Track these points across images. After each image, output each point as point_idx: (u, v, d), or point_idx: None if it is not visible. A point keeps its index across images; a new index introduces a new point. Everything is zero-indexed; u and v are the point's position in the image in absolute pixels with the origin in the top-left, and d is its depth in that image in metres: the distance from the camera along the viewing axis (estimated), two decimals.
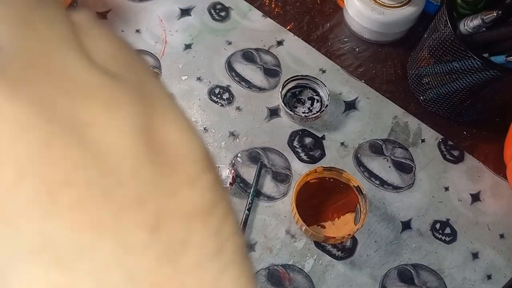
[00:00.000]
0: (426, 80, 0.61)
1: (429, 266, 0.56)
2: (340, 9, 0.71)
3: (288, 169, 0.60)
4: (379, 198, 0.59)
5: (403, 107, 0.65)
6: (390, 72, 0.67)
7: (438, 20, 0.55)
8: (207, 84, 0.64)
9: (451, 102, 0.60)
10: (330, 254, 0.56)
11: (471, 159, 0.62)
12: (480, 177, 0.61)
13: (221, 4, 0.70)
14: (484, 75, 0.51)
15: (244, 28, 0.69)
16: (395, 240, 0.57)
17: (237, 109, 0.63)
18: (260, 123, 0.62)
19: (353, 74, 0.66)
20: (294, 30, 0.69)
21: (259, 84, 0.65)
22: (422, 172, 0.61)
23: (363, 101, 0.64)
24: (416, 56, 0.63)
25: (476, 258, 0.57)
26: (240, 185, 0.58)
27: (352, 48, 0.69)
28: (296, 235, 0.56)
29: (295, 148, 0.61)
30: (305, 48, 0.68)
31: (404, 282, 0.55)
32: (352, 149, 0.61)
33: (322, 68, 0.66)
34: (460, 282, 0.55)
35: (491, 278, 0.56)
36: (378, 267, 0.55)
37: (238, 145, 0.60)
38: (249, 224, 0.56)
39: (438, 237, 0.57)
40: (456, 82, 0.56)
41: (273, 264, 0.55)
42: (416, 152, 0.62)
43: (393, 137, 0.63)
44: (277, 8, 0.71)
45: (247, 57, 0.66)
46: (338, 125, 0.63)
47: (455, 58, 0.53)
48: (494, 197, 0.60)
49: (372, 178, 0.60)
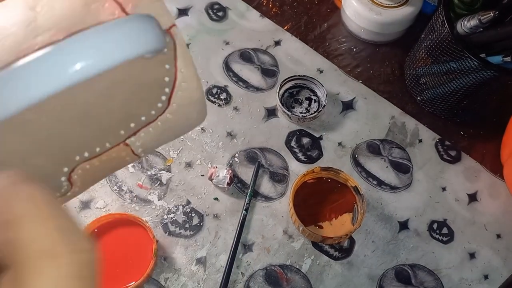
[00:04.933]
0: (424, 80, 0.61)
1: (426, 266, 0.56)
2: (338, 9, 0.71)
3: (285, 169, 0.60)
4: (377, 198, 0.59)
5: (401, 107, 0.65)
6: (388, 73, 0.67)
7: (435, 20, 0.55)
8: (205, 84, 0.64)
9: (448, 102, 0.60)
10: (328, 254, 0.56)
11: (468, 159, 0.62)
12: (477, 177, 0.61)
13: (219, 4, 0.70)
14: (481, 75, 0.51)
15: (241, 28, 0.69)
16: (393, 240, 0.57)
17: (234, 109, 0.63)
18: (258, 123, 0.62)
19: (350, 74, 0.66)
20: (291, 30, 0.69)
21: (257, 84, 0.65)
22: (419, 172, 0.61)
23: (360, 101, 0.65)
24: (414, 56, 0.63)
25: (473, 258, 0.57)
26: (237, 186, 0.58)
27: (350, 48, 0.69)
28: (293, 235, 0.56)
29: (293, 148, 0.61)
30: (303, 48, 0.68)
31: (401, 282, 0.55)
32: (350, 149, 0.61)
33: (319, 68, 0.66)
34: (457, 282, 0.55)
35: (488, 278, 0.56)
36: (375, 267, 0.55)
37: (236, 145, 0.60)
38: (247, 224, 0.56)
39: (435, 237, 0.58)
40: (453, 83, 0.56)
41: (270, 264, 0.55)
42: (413, 152, 0.62)
43: (391, 137, 0.63)
44: (274, 8, 0.71)
45: (244, 57, 0.66)
46: (335, 125, 0.63)
47: (452, 58, 0.53)
48: (491, 197, 0.60)
49: (370, 178, 0.60)
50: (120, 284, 0.51)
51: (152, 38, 0.23)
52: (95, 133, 0.24)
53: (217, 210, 0.57)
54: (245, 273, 0.54)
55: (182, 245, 0.55)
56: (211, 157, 0.60)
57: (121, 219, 0.54)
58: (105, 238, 0.53)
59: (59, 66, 0.21)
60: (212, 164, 0.59)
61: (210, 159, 0.59)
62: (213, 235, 0.56)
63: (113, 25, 0.22)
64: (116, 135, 0.25)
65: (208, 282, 0.53)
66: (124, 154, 0.27)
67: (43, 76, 0.21)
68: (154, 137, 0.27)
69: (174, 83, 0.26)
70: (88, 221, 0.54)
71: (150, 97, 0.25)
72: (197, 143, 0.60)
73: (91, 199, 0.56)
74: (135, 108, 0.25)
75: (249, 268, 0.54)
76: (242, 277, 0.54)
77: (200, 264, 0.54)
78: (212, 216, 0.56)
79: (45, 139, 0.23)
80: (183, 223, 0.56)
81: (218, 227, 0.56)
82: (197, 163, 0.59)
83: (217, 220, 0.56)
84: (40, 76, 0.21)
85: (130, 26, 0.22)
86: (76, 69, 0.21)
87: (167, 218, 0.56)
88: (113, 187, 0.57)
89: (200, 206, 0.57)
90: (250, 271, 0.54)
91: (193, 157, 0.59)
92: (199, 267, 0.54)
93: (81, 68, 0.21)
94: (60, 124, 0.23)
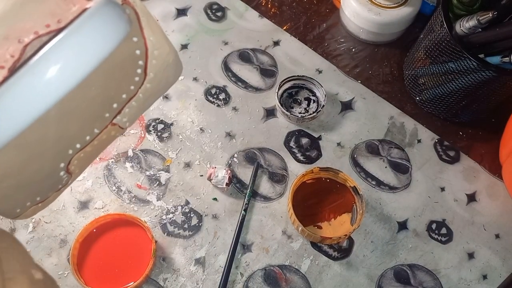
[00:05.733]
0: (422, 80, 0.61)
1: (425, 266, 0.56)
2: (337, 9, 0.71)
3: (284, 169, 0.60)
4: (376, 198, 0.59)
5: (400, 107, 0.65)
6: (387, 73, 0.67)
7: (434, 20, 0.56)
8: (204, 84, 0.64)
9: (447, 102, 0.60)
10: (327, 254, 0.56)
11: (467, 160, 0.62)
12: (476, 177, 0.61)
13: (218, 4, 0.70)
14: (479, 75, 0.51)
15: (240, 28, 0.69)
16: (392, 240, 0.57)
17: (233, 109, 0.63)
18: (257, 123, 0.62)
19: (349, 75, 0.66)
20: (290, 30, 0.69)
21: (256, 84, 0.65)
22: (418, 172, 0.61)
23: (359, 101, 0.65)
24: (412, 56, 0.63)
25: (472, 258, 0.57)
26: (236, 186, 0.58)
27: (349, 49, 0.69)
28: (292, 235, 0.56)
29: (292, 148, 0.61)
30: (302, 48, 0.68)
31: (400, 282, 0.55)
32: (349, 150, 0.61)
33: (318, 69, 0.66)
34: (456, 282, 0.55)
35: (486, 278, 0.56)
36: (374, 268, 0.55)
37: (235, 146, 0.60)
38: (246, 224, 0.56)
39: (434, 237, 0.58)
40: (452, 83, 0.56)
41: (269, 264, 0.55)
42: (412, 153, 0.62)
43: (390, 137, 0.63)
44: (273, 8, 0.71)
45: (243, 57, 0.66)
46: (334, 125, 0.63)
47: (451, 58, 0.53)
48: (490, 197, 0.60)
49: (369, 178, 0.60)
50: (119, 285, 0.51)
51: (118, 26, 0.22)
52: (81, 124, 0.24)
53: (216, 211, 0.57)
54: (244, 273, 0.54)
55: (181, 246, 0.55)
56: (210, 157, 0.60)
57: (120, 220, 0.54)
58: (103, 238, 0.53)
59: (37, 89, 0.20)
60: (211, 164, 0.59)
61: (209, 159, 0.59)
62: (212, 235, 0.56)
63: (78, 28, 0.21)
64: (102, 120, 0.25)
65: (207, 283, 0.53)
66: (113, 132, 0.27)
67: (25, 104, 0.20)
68: (138, 108, 0.27)
69: (146, 54, 0.25)
70: (86, 222, 0.54)
71: (126, 74, 0.25)
72: (196, 143, 0.60)
73: (90, 200, 0.56)
74: (114, 89, 0.24)
75: (248, 269, 0.54)
76: (241, 278, 0.54)
77: (199, 264, 0.54)
78: (211, 216, 0.56)
79: (36, 148, 0.23)
80: (182, 224, 0.56)
81: (217, 227, 0.56)
82: (196, 163, 0.59)
83: (216, 220, 0.56)
84: (22, 105, 0.20)
85: (96, 24, 0.21)
86: (56, 86, 0.20)
87: (166, 219, 0.56)
88: (111, 188, 0.57)
89: (199, 207, 0.57)
90: (249, 272, 0.54)
91: (192, 157, 0.59)
92: (198, 267, 0.54)
93: (60, 84, 0.20)
94: (46, 129, 0.22)
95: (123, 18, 0.22)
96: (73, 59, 0.20)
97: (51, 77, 0.20)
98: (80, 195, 0.57)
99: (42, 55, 0.20)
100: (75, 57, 0.21)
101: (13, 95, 0.20)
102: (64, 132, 0.23)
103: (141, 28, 0.24)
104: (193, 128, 0.61)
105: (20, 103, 0.20)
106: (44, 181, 0.25)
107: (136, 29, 0.24)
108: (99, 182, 0.57)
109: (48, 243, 0.54)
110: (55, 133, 0.23)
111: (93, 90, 0.23)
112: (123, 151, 0.59)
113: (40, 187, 0.25)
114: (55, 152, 0.24)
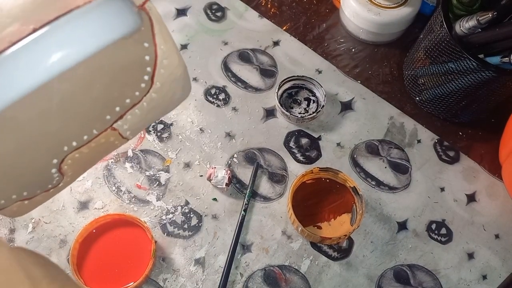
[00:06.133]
0: (422, 80, 0.61)
1: (425, 267, 0.56)
2: (336, 9, 0.71)
3: (284, 169, 0.60)
4: (375, 198, 0.59)
5: (399, 107, 0.65)
6: (386, 73, 0.67)
7: (434, 21, 0.56)
8: (203, 84, 0.64)
9: (447, 102, 0.60)
10: (326, 254, 0.56)
11: (466, 160, 0.62)
12: (476, 177, 0.61)
13: (217, 4, 0.70)
14: (479, 75, 0.51)
15: (240, 29, 0.69)
16: (391, 240, 0.57)
17: (233, 109, 0.63)
18: (256, 123, 0.62)
19: (349, 75, 0.66)
20: (290, 30, 0.69)
21: (255, 84, 0.65)
22: (418, 172, 0.61)
23: (359, 101, 0.65)
24: (412, 57, 0.63)
25: (471, 258, 0.57)
26: (236, 186, 0.58)
27: (348, 49, 0.69)
28: (292, 235, 0.56)
29: (291, 148, 0.61)
30: (301, 48, 0.68)
31: (400, 282, 0.55)
32: (348, 150, 0.61)
33: (318, 69, 0.66)
34: (455, 282, 0.55)
35: (486, 278, 0.56)
36: (374, 268, 0.55)
37: (234, 146, 0.60)
38: (245, 225, 0.56)
39: (434, 238, 0.58)
40: (451, 83, 0.56)
41: (269, 265, 0.55)
42: (412, 153, 0.62)
43: (389, 137, 0.63)
44: (273, 8, 0.71)
45: (243, 57, 0.66)
46: (334, 125, 0.63)
47: (451, 59, 0.53)
48: (490, 198, 0.60)
49: (368, 178, 0.60)
50: (119, 285, 0.51)
51: (127, 19, 0.22)
52: (81, 121, 0.24)
53: (216, 211, 0.57)
54: (244, 273, 0.54)
55: (180, 246, 0.55)
56: (209, 157, 0.59)
57: (120, 220, 0.54)
58: (103, 239, 0.53)
59: (37, 60, 0.20)
60: (210, 164, 0.59)
61: (209, 160, 0.59)
62: (211, 235, 0.56)
63: (85, 12, 0.21)
64: (102, 121, 0.25)
65: (206, 283, 0.53)
66: (112, 138, 0.26)
67: (22, 72, 0.20)
68: (141, 118, 0.27)
69: (155, 61, 0.25)
70: (86, 222, 0.54)
71: (132, 78, 0.25)
72: (195, 144, 0.60)
73: (89, 200, 0.56)
74: (118, 91, 0.24)
75: (247, 269, 0.54)
76: (240, 278, 0.54)
77: (198, 264, 0.54)
78: (211, 216, 0.56)
79: (29, 134, 0.23)
80: (181, 224, 0.56)
81: (216, 228, 0.56)
82: (196, 163, 0.59)
83: (216, 220, 0.56)
84: (19, 73, 0.20)
85: (103, 11, 0.21)
86: (54, 61, 0.20)
87: (166, 219, 0.56)
88: (111, 188, 0.57)
89: (199, 207, 0.57)
90: (249, 272, 0.54)
91: (192, 158, 0.59)
92: (198, 267, 0.54)
93: (59, 60, 0.21)
94: (43, 117, 0.22)
95: (132, 13, 0.23)
96: (77, 37, 0.21)
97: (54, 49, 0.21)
98: (80, 195, 0.57)
99: (50, 27, 0.21)
100: (80, 36, 0.21)
101: (17, 61, 0.20)
102: (62, 125, 0.23)
103: (153, 35, 0.25)
104: (192, 128, 0.61)
105: (24, 68, 0.20)
106: (34, 174, 0.25)
107: (148, 34, 0.24)
108: (98, 182, 0.57)
109: (48, 243, 0.54)
110: (53, 124, 0.23)
111: (97, 88, 0.23)
112: (122, 151, 0.59)
113: (29, 180, 0.25)
114: (50, 145, 0.24)
